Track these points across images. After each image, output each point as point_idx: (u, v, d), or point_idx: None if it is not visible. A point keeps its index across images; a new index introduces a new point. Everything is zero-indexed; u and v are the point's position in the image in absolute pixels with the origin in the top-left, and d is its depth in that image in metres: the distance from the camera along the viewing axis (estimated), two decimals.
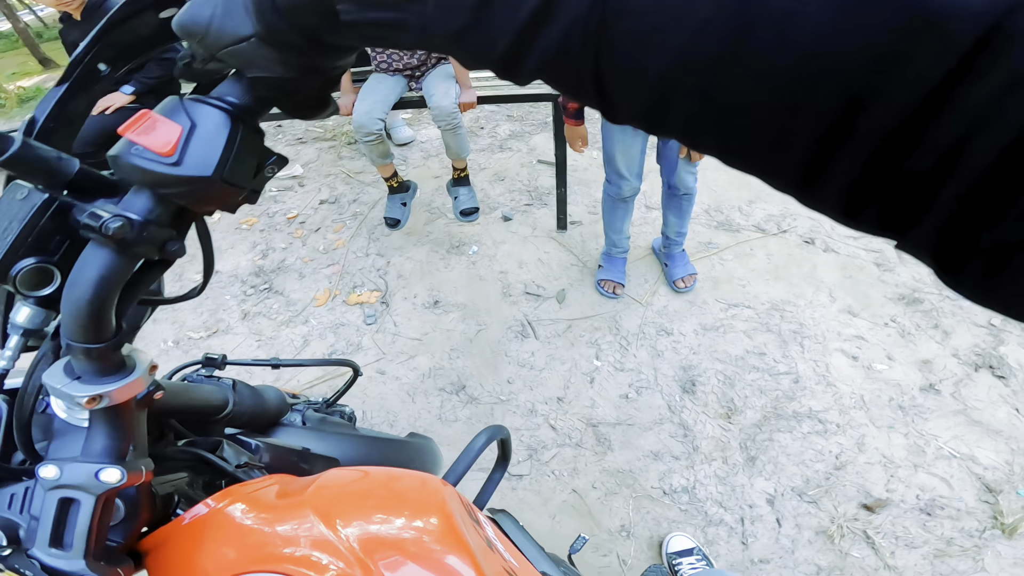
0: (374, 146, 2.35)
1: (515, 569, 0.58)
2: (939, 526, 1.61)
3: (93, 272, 0.38)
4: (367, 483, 0.56)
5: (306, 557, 0.44)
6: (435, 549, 0.46)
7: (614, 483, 1.78)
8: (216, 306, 2.59)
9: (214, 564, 0.44)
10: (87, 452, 0.43)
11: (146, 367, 0.45)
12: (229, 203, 0.42)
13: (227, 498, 0.51)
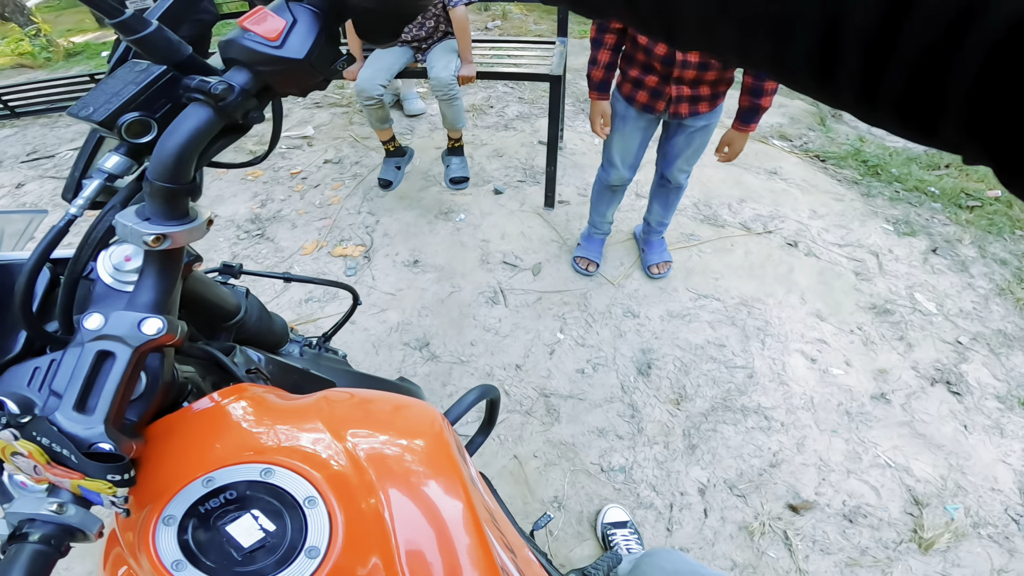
0: (373, 110, 2.50)
1: (493, 511, 0.61)
2: (858, 534, 1.68)
3: (191, 123, 0.44)
4: (370, 401, 0.58)
5: (307, 453, 0.45)
6: (431, 470, 0.48)
7: (555, 454, 1.85)
8: (208, 246, 2.65)
9: (213, 453, 0.45)
10: (133, 304, 0.46)
11: (204, 219, 0.49)
12: (306, 85, 0.50)
13: (234, 394, 0.51)
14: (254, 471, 0.43)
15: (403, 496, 0.46)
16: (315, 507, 0.42)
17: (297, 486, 0.43)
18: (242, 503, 0.42)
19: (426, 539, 0.44)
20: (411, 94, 3.62)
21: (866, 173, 3.16)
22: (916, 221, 2.79)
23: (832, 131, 3.72)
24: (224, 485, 0.42)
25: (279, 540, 0.40)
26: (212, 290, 0.72)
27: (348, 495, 0.43)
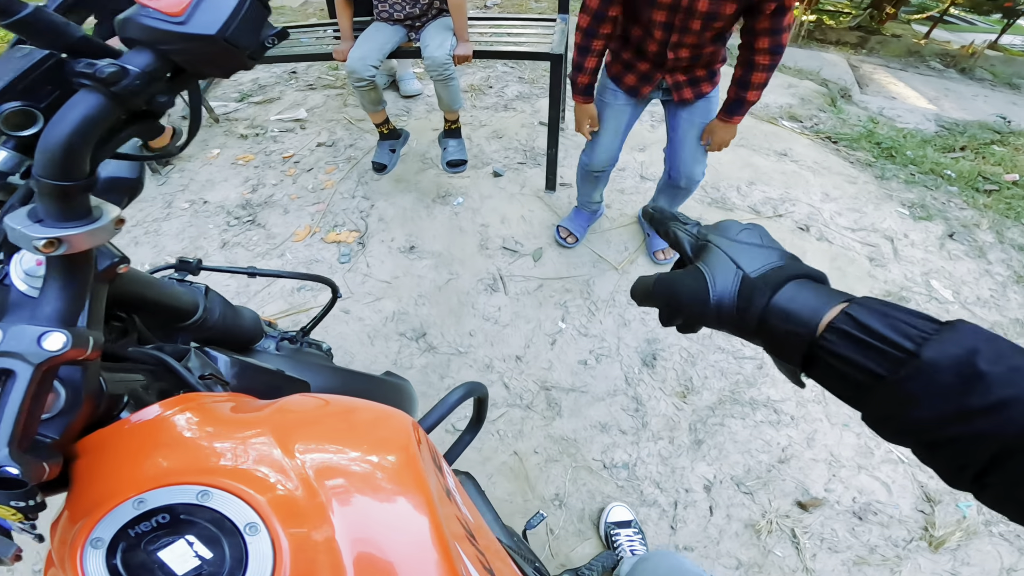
0: (365, 92, 2.40)
1: (470, 523, 0.57)
2: (867, 532, 1.62)
3: (78, 112, 0.39)
4: (332, 410, 0.54)
5: (251, 474, 0.42)
6: (392, 487, 0.44)
7: (556, 450, 1.79)
8: (198, 233, 2.57)
9: (147, 471, 0.42)
10: (35, 316, 0.43)
11: (111, 219, 0.43)
12: (227, 65, 0.44)
13: (179, 405, 0.47)
14: (190, 493, 0.39)
15: (359, 520, 0.41)
16: (257, 534, 0.38)
17: (237, 510, 0.39)
18: (176, 527, 0.38)
19: (382, 566, 0.40)
20: (407, 74, 3.51)
21: (880, 155, 3.05)
22: (932, 205, 2.69)
23: (843, 112, 3.61)
24: (157, 507, 0.38)
25: (216, 569, 0.36)
26: (160, 290, 0.66)
27: (295, 520, 0.39)
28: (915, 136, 3.32)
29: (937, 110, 4.05)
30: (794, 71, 4.22)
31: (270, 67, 3.85)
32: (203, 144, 3.12)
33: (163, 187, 2.83)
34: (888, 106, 3.99)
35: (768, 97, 3.63)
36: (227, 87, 3.71)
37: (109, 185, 0.57)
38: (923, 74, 4.89)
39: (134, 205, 2.72)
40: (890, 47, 5.51)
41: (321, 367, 0.98)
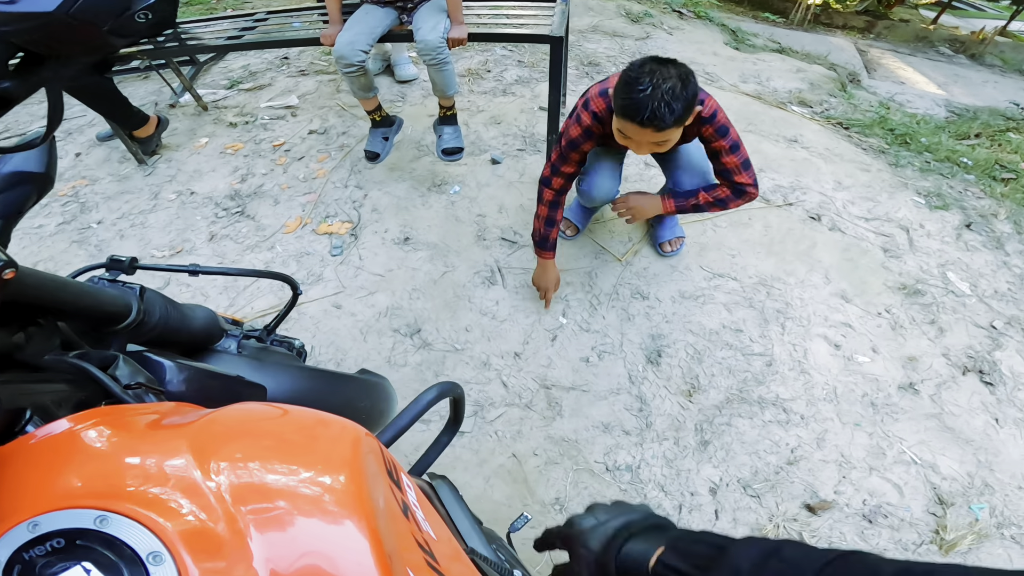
0: (355, 78, 2.27)
1: (430, 541, 0.53)
2: (877, 535, 1.55)
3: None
4: (273, 422, 0.49)
5: (158, 499, 0.38)
6: (327, 511, 0.40)
7: (557, 452, 1.72)
8: (185, 226, 2.48)
9: (46, 492, 0.38)
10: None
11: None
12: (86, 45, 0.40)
13: (91, 419, 0.43)
14: (87, 517, 0.35)
15: (283, 548, 0.37)
16: (161, 564, 0.34)
17: (138, 538, 0.35)
18: (72, 553, 0.34)
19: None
20: (402, 58, 3.38)
21: (893, 142, 2.95)
22: (948, 194, 2.60)
23: (855, 98, 3.50)
24: (51, 532, 0.35)
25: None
26: (78, 294, 0.59)
27: (206, 548, 0.36)
28: (929, 122, 3.22)
29: (947, 96, 3.94)
30: (802, 55, 4.11)
31: (261, 53, 3.74)
32: (191, 133, 3.02)
33: (149, 178, 2.74)
34: (897, 91, 3.89)
35: (777, 82, 3.53)
36: (216, 74, 3.60)
37: (14, 180, 0.53)
38: (932, 60, 4.77)
39: (119, 197, 2.63)
40: (898, 32, 5.40)
41: (286, 367, 0.91)
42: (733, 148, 1.69)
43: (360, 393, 1.05)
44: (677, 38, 4.01)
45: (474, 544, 0.93)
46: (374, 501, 0.43)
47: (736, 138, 1.70)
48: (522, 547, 1.52)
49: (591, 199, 2.04)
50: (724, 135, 1.66)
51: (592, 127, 1.70)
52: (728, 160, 1.71)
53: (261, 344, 0.98)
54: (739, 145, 1.71)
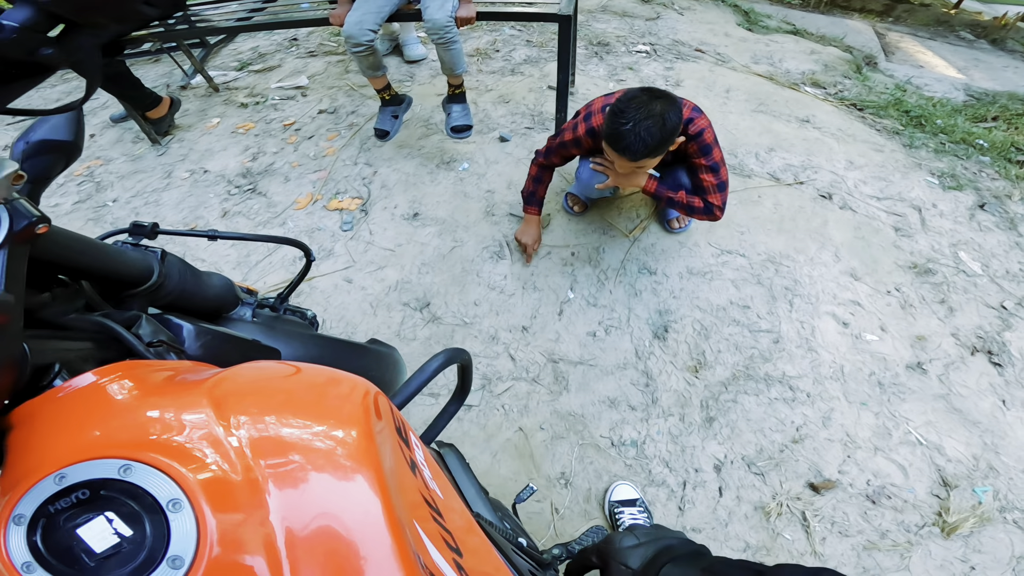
0: (363, 58, 2.28)
1: (436, 499, 0.55)
2: (879, 516, 1.55)
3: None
4: (284, 379, 0.51)
5: (180, 449, 0.39)
6: (339, 463, 0.42)
7: (563, 427, 1.73)
8: (198, 203, 2.51)
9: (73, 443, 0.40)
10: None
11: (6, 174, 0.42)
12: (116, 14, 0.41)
13: (115, 372, 0.45)
14: (112, 467, 0.37)
15: (297, 498, 0.39)
16: (180, 511, 0.36)
17: (160, 486, 0.37)
18: (96, 503, 0.36)
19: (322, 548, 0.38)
20: (411, 38, 3.37)
21: (908, 123, 2.91)
22: (963, 175, 2.56)
23: (869, 80, 3.45)
24: (77, 483, 0.37)
25: (136, 547, 0.35)
26: (104, 255, 0.61)
27: (225, 498, 0.38)
28: (945, 105, 3.16)
29: (966, 80, 3.87)
30: (816, 37, 4.05)
31: (270, 35, 3.75)
32: (202, 114, 3.04)
33: (162, 157, 2.77)
34: (915, 74, 3.82)
35: (789, 63, 3.48)
36: (226, 56, 3.62)
37: (43, 147, 0.55)
38: (952, 44, 4.67)
39: (133, 176, 2.67)
40: (918, 16, 5.29)
41: (299, 335, 0.94)
42: (712, 168, 1.76)
43: (370, 362, 1.06)
44: (688, 18, 3.96)
45: (479, 509, 0.95)
46: (382, 455, 0.44)
47: (718, 159, 1.76)
48: (528, 520, 1.55)
49: (586, 189, 2.09)
50: (706, 154, 1.74)
51: (583, 140, 1.83)
52: (705, 178, 1.78)
53: (274, 313, 0.99)
54: (719, 167, 1.77)
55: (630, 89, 1.62)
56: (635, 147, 1.56)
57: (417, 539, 0.43)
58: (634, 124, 1.53)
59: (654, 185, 1.84)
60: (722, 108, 2.87)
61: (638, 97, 1.56)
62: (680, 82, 3.12)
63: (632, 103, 1.55)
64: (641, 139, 1.54)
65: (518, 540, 0.94)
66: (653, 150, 1.58)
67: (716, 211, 1.82)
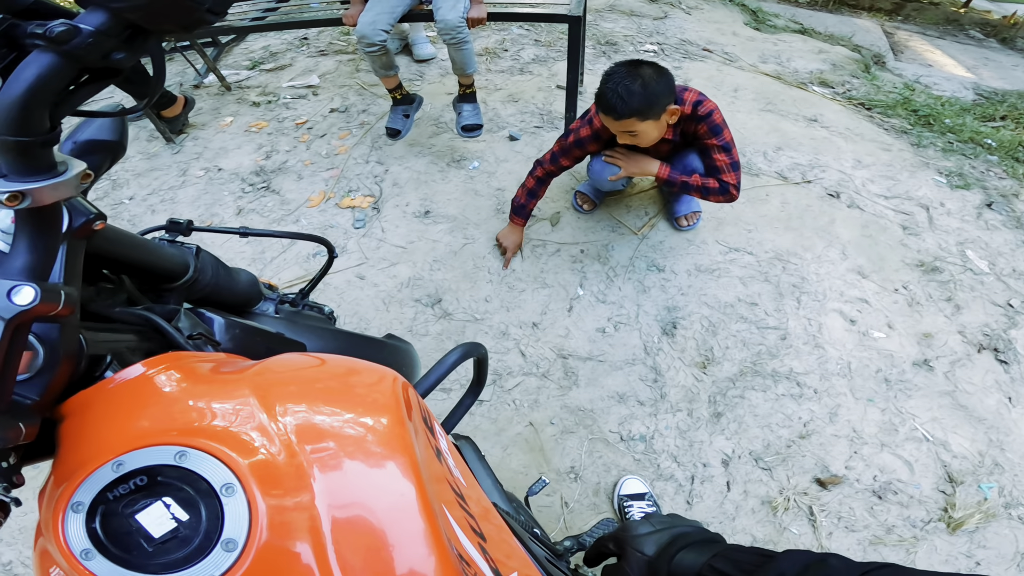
0: (376, 57, 2.32)
1: (461, 485, 0.57)
2: (886, 511, 1.57)
3: (31, 71, 0.39)
4: (319, 370, 0.53)
5: (232, 435, 0.41)
6: (376, 450, 0.44)
7: (573, 421, 1.76)
8: (213, 200, 2.55)
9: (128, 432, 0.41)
10: (6, 271, 0.43)
11: (75, 173, 0.43)
12: (184, 20, 0.43)
13: (162, 364, 0.47)
14: (168, 454, 0.39)
15: (340, 483, 0.41)
16: (233, 495, 0.38)
17: (214, 471, 0.38)
18: (154, 489, 0.38)
19: (363, 529, 0.40)
20: (420, 38, 3.41)
21: (916, 123, 2.92)
22: (970, 174, 2.57)
23: (878, 79, 3.46)
24: (135, 469, 0.38)
25: (193, 531, 0.37)
26: (147, 250, 0.65)
27: (273, 481, 0.39)
28: (954, 104, 3.17)
29: (976, 79, 3.86)
30: (824, 36, 4.05)
31: (281, 34, 3.79)
32: (216, 112, 3.08)
33: (177, 155, 2.81)
34: (924, 74, 3.82)
35: (797, 62, 3.49)
36: (238, 55, 3.66)
37: (90, 147, 0.57)
38: (961, 43, 4.66)
39: (149, 174, 2.71)
40: (927, 15, 5.27)
41: (320, 330, 0.97)
42: (724, 148, 1.81)
43: (388, 356, 1.09)
44: (695, 18, 3.97)
45: (495, 500, 0.98)
46: (413, 441, 0.46)
47: (728, 139, 1.81)
48: (538, 513, 1.58)
49: (598, 182, 2.11)
50: (717, 134, 1.79)
51: (601, 131, 1.88)
52: (718, 157, 1.82)
53: (295, 308, 1.02)
54: (730, 147, 1.81)
55: None
56: (619, 106, 1.63)
57: (447, 524, 0.45)
58: (614, 83, 1.62)
59: (667, 171, 1.87)
60: (730, 107, 2.89)
61: (627, 63, 1.66)
62: (688, 81, 3.14)
63: (620, 66, 1.66)
64: (622, 98, 1.61)
65: (533, 530, 0.97)
66: (637, 111, 1.64)
67: (732, 190, 1.84)
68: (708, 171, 1.87)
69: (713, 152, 1.81)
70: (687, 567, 0.61)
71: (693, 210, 2.22)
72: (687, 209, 2.22)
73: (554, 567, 0.81)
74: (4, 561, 1.52)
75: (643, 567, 0.65)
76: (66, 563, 0.36)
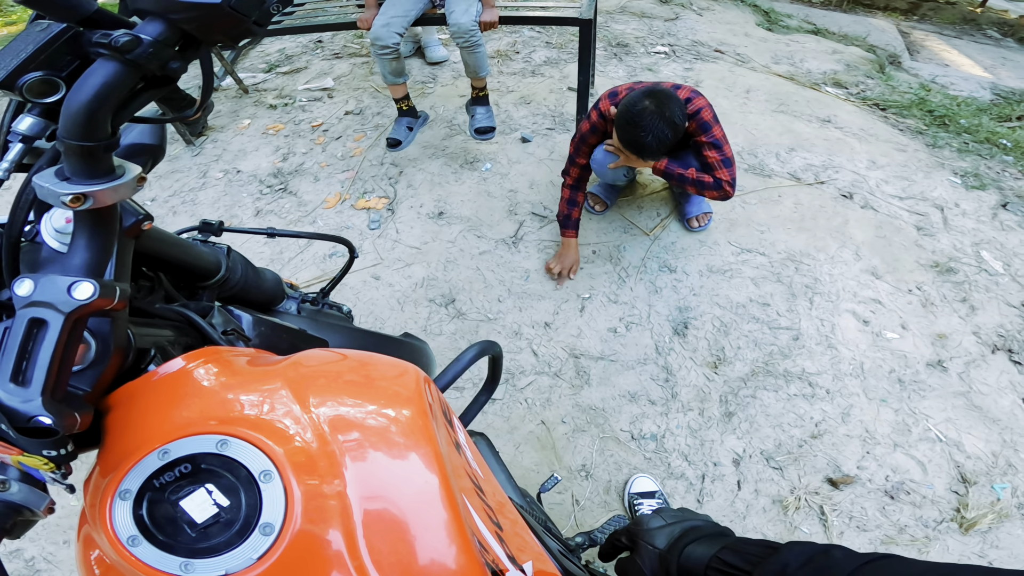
0: (388, 61, 2.35)
1: (478, 477, 0.59)
2: (898, 511, 1.57)
3: (97, 79, 0.41)
4: (345, 364, 0.55)
5: (269, 425, 0.43)
6: (401, 441, 0.46)
7: (584, 420, 1.77)
8: (232, 202, 2.60)
9: (172, 422, 0.44)
10: (65, 267, 0.45)
11: (133, 176, 0.46)
12: (234, 31, 0.46)
13: (201, 357, 0.50)
14: (210, 442, 0.41)
15: (369, 472, 0.43)
16: (270, 482, 0.40)
17: (253, 459, 0.41)
18: (197, 476, 0.40)
19: (390, 516, 0.42)
20: (433, 40, 3.45)
21: (932, 123, 2.91)
22: (986, 174, 2.56)
23: (893, 79, 3.44)
24: (180, 457, 0.40)
25: (233, 515, 0.39)
26: (183, 249, 0.68)
27: (307, 469, 0.41)
28: (970, 104, 3.15)
29: (993, 79, 3.83)
30: (838, 36, 4.03)
31: (296, 37, 3.85)
32: (234, 115, 3.14)
33: (197, 158, 2.87)
34: (941, 73, 3.80)
35: (811, 63, 3.48)
36: (255, 58, 3.72)
37: (132, 150, 0.60)
38: (979, 42, 4.62)
39: (170, 176, 2.76)
40: (943, 14, 5.22)
41: (340, 328, 1.00)
42: (714, 144, 1.85)
43: (405, 354, 1.12)
44: (707, 19, 3.97)
45: (510, 494, 1.00)
46: (438, 434, 0.48)
47: (719, 136, 1.85)
48: (550, 511, 1.60)
49: (601, 172, 2.12)
50: (706, 131, 1.84)
51: (597, 124, 1.93)
52: (709, 154, 1.86)
53: (316, 307, 1.05)
54: (721, 144, 1.85)
55: (634, 96, 1.75)
56: (657, 151, 1.76)
57: (467, 512, 0.46)
58: (652, 133, 1.71)
59: (664, 163, 1.90)
60: (742, 108, 2.89)
61: (647, 107, 1.71)
62: (699, 83, 3.14)
63: (644, 114, 1.70)
64: (660, 143, 1.73)
65: (547, 525, 0.99)
66: (669, 148, 1.78)
67: (726, 186, 1.87)
68: (703, 168, 1.90)
69: (704, 149, 1.86)
70: (696, 559, 0.62)
71: (705, 211, 2.23)
72: (699, 210, 2.23)
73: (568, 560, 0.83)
74: (27, 557, 1.56)
75: (655, 560, 0.66)
76: (112, 549, 0.37)
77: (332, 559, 0.39)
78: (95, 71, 0.42)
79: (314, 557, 0.39)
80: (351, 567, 0.39)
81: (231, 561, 0.37)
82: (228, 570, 0.37)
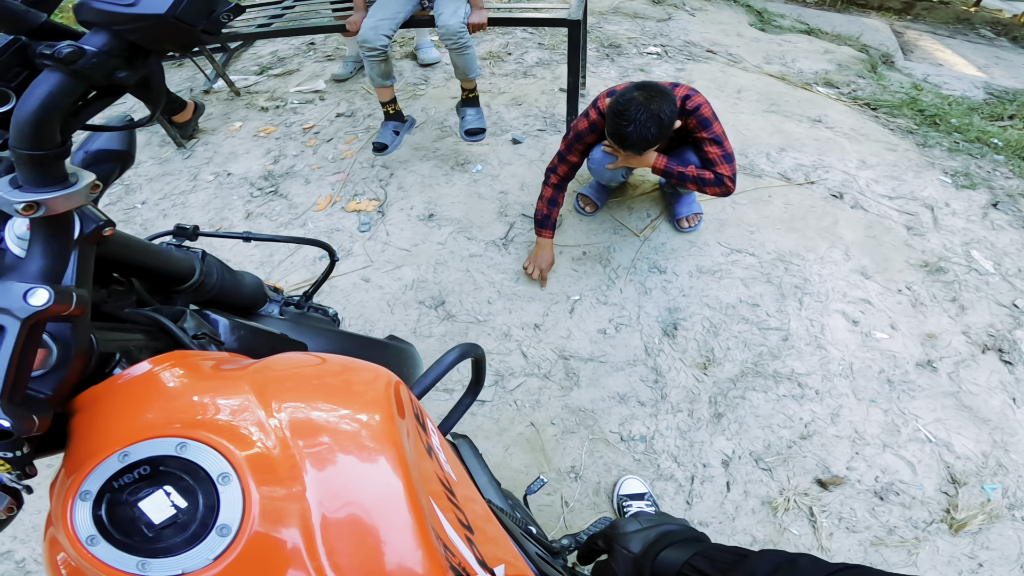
0: (376, 63, 2.36)
1: (451, 480, 0.59)
2: (887, 512, 1.57)
3: (43, 89, 0.42)
4: (315, 368, 0.55)
5: (230, 428, 0.43)
6: (365, 445, 0.46)
7: (574, 421, 1.77)
8: (223, 205, 2.60)
9: (134, 425, 0.44)
10: (22, 274, 0.46)
11: (86, 184, 0.46)
12: (180, 41, 0.46)
13: (167, 361, 0.50)
14: (170, 445, 0.41)
15: (328, 473, 0.43)
16: (228, 484, 0.40)
17: (212, 461, 0.41)
18: (156, 478, 0.40)
19: (350, 519, 0.42)
20: (425, 42, 3.45)
21: (922, 123, 2.91)
22: (976, 173, 2.56)
23: (884, 79, 3.44)
24: (140, 460, 0.41)
25: (191, 517, 0.39)
26: (155, 254, 0.68)
27: (266, 471, 0.41)
28: (961, 103, 3.15)
29: (986, 78, 3.84)
30: (831, 36, 4.04)
31: (288, 40, 3.85)
32: (225, 117, 3.14)
33: (188, 160, 2.86)
34: (934, 73, 3.80)
35: (802, 63, 3.49)
36: (247, 61, 3.72)
37: (100, 156, 0.61)
38: (972, 42, 4.63)
39: (161, 179, 2.76)
40: (937, 14, 5.23)
41: (322, 331, 1.00)
42: (715, 140, 1.86)
43: (390, 356, 1.12)
44: (700, 19, 3.98)
45: (491, 497, 0.99)
46: (403, 437, 0.48)
47: (719, 132, 1.86)
48: (539, 513, 1.59)
49: (598, 172, 2.13)
50: (706, 127, 1.85)
51: (597, 122, 1.93)
52: (709, 150, 1.87)
53: (299, 310, 1.05)
54: (721, 140, 1.86)
55: (626, 88, 1.76)
56: (639, 144, 1.75)
57: (433, 515, 0.47)
58: (635, 124, 1.70)
59: (663, 162, 1.90)
60: (733, 108, 2.89)
61: (635, 98, 1.70)
62: (691, 83, 3.14)
63: (631, 104, 1.70)
64: (643, 136, 1.72)
65: (528, 528, 0.99)
66: (654, 142, 1.76)
67: (727, 181, 1.88)
68: (703, 164, 1.91)
69: (704, 145, 1.86)
70: (670, 564, 0.63)
71: (695, 212, 2.23)
72: (689, 211, 2.22)
73: (546, 564, 0.83)
74: (17, 559, 1.56)
75: (629, 564, 0.67)
76: (72, 549, 0.38)
77: (290, 560, 0.39)
78: (41, 82, 0.42)
79: (271, 558, 0.39)
80: (310, 568, 0.39)
81: (188, 561, 0.37)
82: (184, 570, 0.37)
